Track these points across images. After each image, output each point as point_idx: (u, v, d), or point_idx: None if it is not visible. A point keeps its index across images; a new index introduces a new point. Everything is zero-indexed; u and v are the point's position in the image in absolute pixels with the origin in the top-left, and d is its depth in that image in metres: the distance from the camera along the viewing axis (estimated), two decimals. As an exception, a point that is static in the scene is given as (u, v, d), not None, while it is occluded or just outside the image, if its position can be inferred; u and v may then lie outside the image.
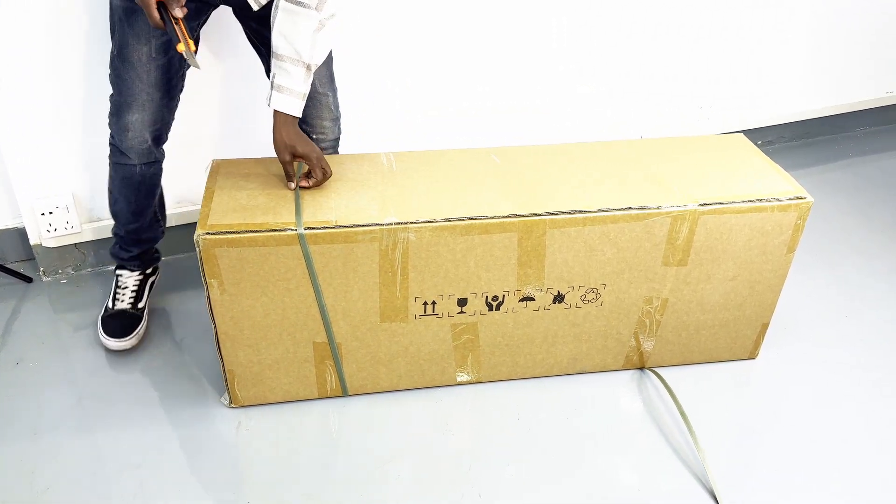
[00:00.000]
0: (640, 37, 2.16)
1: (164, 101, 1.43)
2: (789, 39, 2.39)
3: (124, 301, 1.65)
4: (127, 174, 1.51)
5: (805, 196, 1.44)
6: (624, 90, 2.24)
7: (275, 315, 1.36)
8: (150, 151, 1.48)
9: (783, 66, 2.44)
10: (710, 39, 2.26)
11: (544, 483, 1.38)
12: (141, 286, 1.68)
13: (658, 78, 2.26)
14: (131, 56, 1.35)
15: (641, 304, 1.50)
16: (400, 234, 1.31)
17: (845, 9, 2.41)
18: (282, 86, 1.30)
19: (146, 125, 1.43)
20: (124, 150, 1.46)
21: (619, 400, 1.56)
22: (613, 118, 2.28)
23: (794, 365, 1.66)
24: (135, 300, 1.66)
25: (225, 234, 1.26)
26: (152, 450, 1.42)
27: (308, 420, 1.48)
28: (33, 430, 1.45)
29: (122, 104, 1.41)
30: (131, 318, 1.63)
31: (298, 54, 1.27)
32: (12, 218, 1.83)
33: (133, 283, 1.67)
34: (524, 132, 2.17)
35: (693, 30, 2.22)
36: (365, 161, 1.49)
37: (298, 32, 1.26)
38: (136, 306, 1.65)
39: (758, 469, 1.42)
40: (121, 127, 1.43)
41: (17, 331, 1.70)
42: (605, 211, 1.37)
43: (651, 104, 2.31)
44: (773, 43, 2.37)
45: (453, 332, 1.46)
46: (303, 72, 1.29)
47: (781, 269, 1.51)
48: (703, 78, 2.34)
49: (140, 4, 1.19)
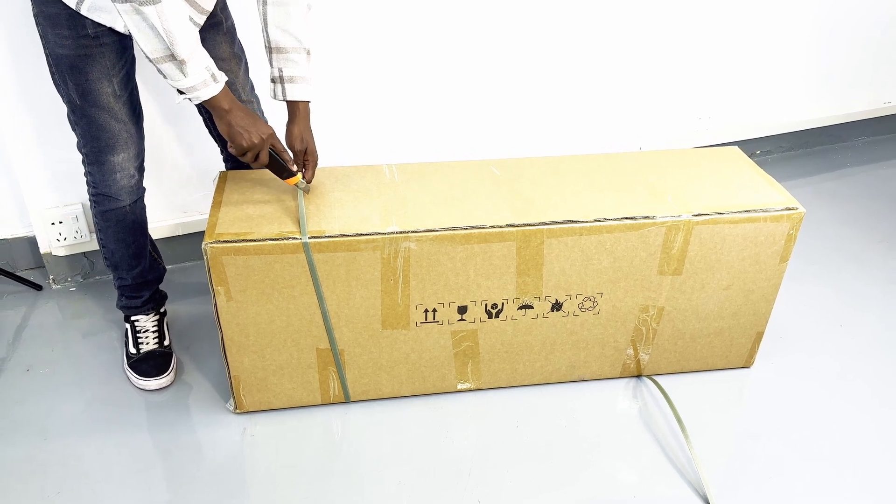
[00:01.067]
0: (640, 49, 2.20)
1: (138, 132, 1.44)
2: (787, 51, 2.43)
3: (149, 343, 1.63)
4: (120, 217, 1.50)
5: (797, 207, 1.47)
6: (624, 102, 2.28)
7: (279, 322, 1.40)
8: (138, 185, 1.50)
9: (781, 76, 2.48)
10: (709, 51, 2.30)
11: (543, 490, 1.41)
12: (160, 325, 1.67)
13: (658, 89, 2.30)
14: (100, 100, 1.34)
15: (638, 312, 1.53)
16: (401, 243, 1.35)
17: (843, 20, 2.45)
18: (293, 76, 1.36)
19: (131, 160, 1.44)
20: (113, 194, 1.46)
21: (616, 407, 1.59)
22: (613, 129, 2.32)
23: (788, 373, 1.69)
24: (160, 339, 1.64)
25: (232, 243, 1.30)
26: (160, 454, 1.45)
27: (311, 426, 1.51)
28: (43, 434, 1.48)
29: (102, 149, 1.40)
30: (163, 357, 1.61)
31: (299, 41, 1.34)
32: (23, 227, 1.87)
33: (152, 324, 1.65)
34: (525, 143, 2.21)
35: (692, 42, 2.26)
36: (368, 172, 1.53)
37: (292, 21, 1.32)
38: (162, 344, 1.64)
39: (752, 475, 1.45)
40: (107, 171, 1.43)
41: (27, 337, 1.74)
42: (602, 221, 1.41)
43: (651, 115, 2.35)
44: (772, 54, 2.41)
45: (454, 340, 1.50)
46: (305, 57, 1.36)
47: (775, 279, 1.54)
48: (702, 89, 2.38)
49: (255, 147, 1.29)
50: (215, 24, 1.41)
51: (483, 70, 2.04)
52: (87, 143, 1.41)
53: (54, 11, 1.26)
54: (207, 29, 1.40)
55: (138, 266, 1.60)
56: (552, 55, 2.10)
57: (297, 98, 1.37)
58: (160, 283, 1.69)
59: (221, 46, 1.43)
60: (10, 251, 1.89)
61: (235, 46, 1.48)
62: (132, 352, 1.62)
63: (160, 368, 1.59)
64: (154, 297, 1.67)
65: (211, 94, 1.22)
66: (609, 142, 2.34)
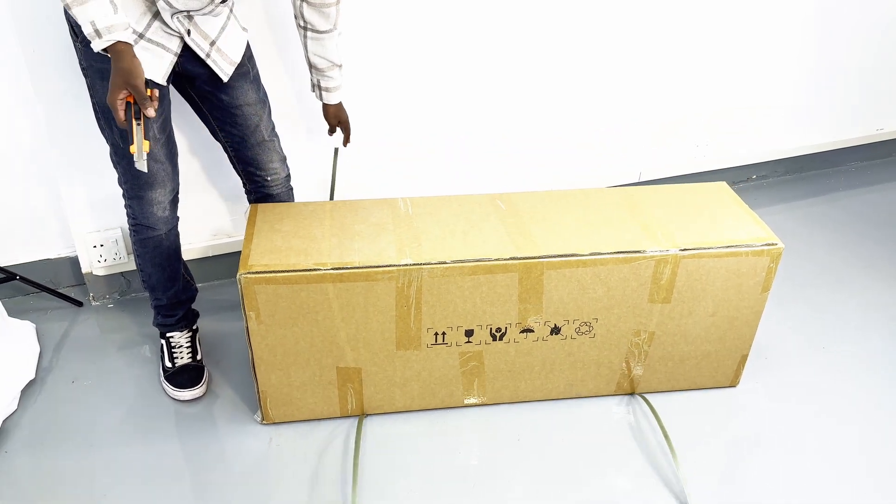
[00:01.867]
0: (641, 80, 2.33)
1: (174, 169, 1.61)
2: (782, 80, 2.55)
3: (184, 357, 1.78)
4: (156, 244, 1.66)
5: (777, 242, 1.61)
6: (625, 130, 2.42)
7: (304, 343, 1.55)
8: (173, 216, 1.67)
9: (776, 105, 2.60)
10: (706, 81, 2.43)
11: (542, 498, 1.55)
12: (193, 341, 1.82)
13: (657, 119, 2.44)
14: None
15: (630, 336, 1.67)
16: (414, 274, 1.50)
17: (836, 50, 2.57)
18: (328, 87, 1.70)
19: (167, 195, 1.61)
20: (151, 224, 1.62)
21: (610, 422, 1.73)
22: (615, 156, 2.46)
23: (772, 393, 1.82)
24: (193, 354, 1.79)
25: (263, 274, 1.45)
26: (194, 460, 1.60)
27: (331, 437, 1.66)
28: (90, 442, 1.64)
29: (141, 186, 1.56)
30: (196, 370, 1.77)
31: (332, 62, 1.65)
32: (66, 248, 2.03)
33: (185, 340, 1.80)
34: (530, 169, 2.35)
35: (690, 72, 2.39)
36: (385, 206, 1.68)
37: (327, 49, 1.62)
38: (195, 358, 1.79)
39: (735, 488, 1.58)
40: (145, 204, 1.59)
41: (69, 350, 1.90)
42: (597, 255, 1.55)
43: (651, 143, 2.48)
44: (767, 84, 2.53)
45: (461, 360, 1.64)
46: (338, 72, 1.68)
47: (757, 307, 1.68)
48: (700, 118, 2.50)
49: (110, 105, 1.28)
50: (243, 74, 1.59)
51: (490, 101, 2.18)
52: (127, 181, 1.58)
53: (104, 66, 1.41)
54: (237, 78, 1.57)
55: (173, 287, 1.75)
56: (558, 88, 2.24)
57: (331, 102, 1.74)
58: (193, 303, 1.85)
59: (248, 93, 1.61)
60: (54, 270, 2.05)
61: (260, 93, 1.65)
62: (168, 365, 1.78)
63: (193, 380, 1.75)
64: (187, 316, 1.82)
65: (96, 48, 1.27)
66: (610, 168, 2.47)
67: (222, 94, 1.59)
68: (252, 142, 1.66)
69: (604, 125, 2.38)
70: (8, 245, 1.97)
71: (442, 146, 2.20)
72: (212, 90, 1.58)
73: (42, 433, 1.66)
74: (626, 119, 2.39)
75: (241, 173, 1.75)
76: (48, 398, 1.75)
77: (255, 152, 1.68)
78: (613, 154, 2.45)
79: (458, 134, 2.20)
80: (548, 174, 2.38)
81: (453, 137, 2.20)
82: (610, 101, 2.34)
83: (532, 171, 2.36)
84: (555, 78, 2.22)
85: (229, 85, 1.58)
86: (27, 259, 2.01)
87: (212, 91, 1.58)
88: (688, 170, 2.58)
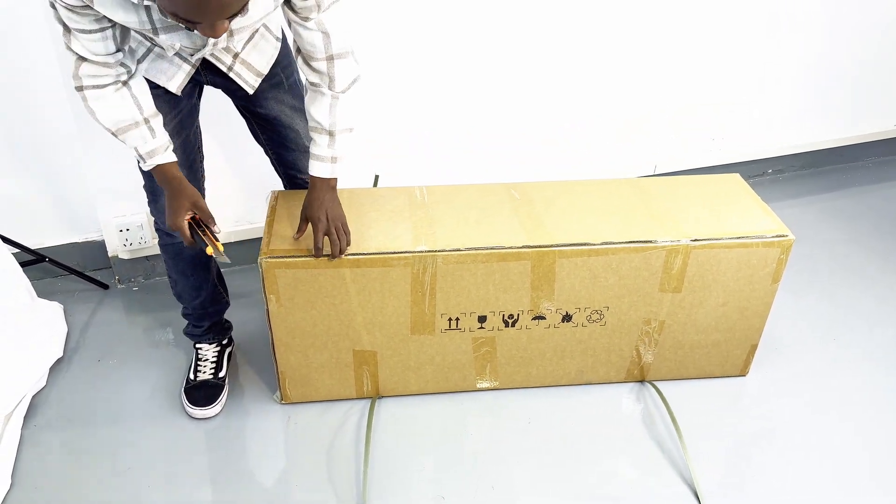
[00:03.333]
0: (656, 73, 2.35)
1: (191, 175, 1.52)
2: (799, 74, 2.55)
3: (205, 372, 1.75)
4: (176, 251, 1.61)
5: (787, 234, 1.63)
6: (640, 123, 2.43)
7: (322, 326, 1.60)
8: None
9: (792, 98, 2.60)
10: (722, 74, 2.44)
11: (550, 480, 1.59)
12: (220, 357, 1.78)
13: (672, 111, 2.45)
14: None
15: (641, 324, 1.70)
16: (429, 261, 1.54)
17: (854, 42, 2.56)
18: (316, 154, 1.46)
19: None
20: (169, 231, 1.52)
21: (619, 409, 1.76)
22: (630, 149, 2.48)
23: (781, 383, 1.84)
24: (215, 370, 1.76)
25: (283, 258, 1.50)
26: (215, 438, 1.66)
27: (347, 417, 1.71)
28: (114, 418, 1.70)
29: (155, 189, 1.49)
30: (214, 388, 1.73)
31: (319, 123, 1.42)
32: (93, 233, 2.10)
33: (212, 355, 1.77)
34: (545, 162, 2.38)
35: (706, 65, 2.40)
36: (401, 194, 1.72)
37: (317, 107, 1.41)
38: (217, 376, 1.75)
39: (742, 475, 1.61)
40: (159, 209, 1.51)
41: (95, 331, 1.97)
42: (608, 244, 1.58)
43: (666, 136, 2.50)
44: (783, 77, 2.53)
45: (474, 345, 1.68)
46: (326, 139, 1.44)
47: (767, 298, 1.70)
48: (715, 110, 2.51)
49: (173, 228, 1.38)
50: (275, 84, 1.51)
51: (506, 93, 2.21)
52: (146, 184, 1.53)
53: None
54: (268, 89, 1.51)
55: (198, 297, 1.70)
56: (573, 82, 2.26)
57: (313, 173, 1.47)
58: (221, 315, 1.80)
59: (283, 103, 1.54)
60: (81, 253, 2.12)
61: (298, 100, 1.56)
62: (190, 377, 1.76)
63: (209, 399, 1.72)
64: (215, 328, 1.78)
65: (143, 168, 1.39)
66: (625, 161, 2.49)
67: (255, 107, 1.53)
68: (292, 147, 1.60)
69: (619, 117, 2.40)
70: (37, 228, 2.03)
71: (458, 137, 2.23)
72: (243, 100, 1.53)
73: (69, 409, 1.72)
74: (641, 112, 2.41)
75: (282, 176, 1.70)
76: (75, 376, 1.81)
77: (296, 157, 1.62)
78: (628, 147, 2.47)
79: (474, 125, 2.23)
80: (562, 167, 2.41)
81: (469, 128, 2.23)
82: (625, 94, 2.35)
83: (546, 164, 2.38)
84: (570, 70, 2.24)
85: (261, 96, 1.51)
86: (56, 242, 2.07)
87: (244, 101, 1.53)
88: (703, 163, 2.59)
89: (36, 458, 1.60)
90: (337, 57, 1.36)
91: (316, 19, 1.31)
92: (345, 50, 1.37)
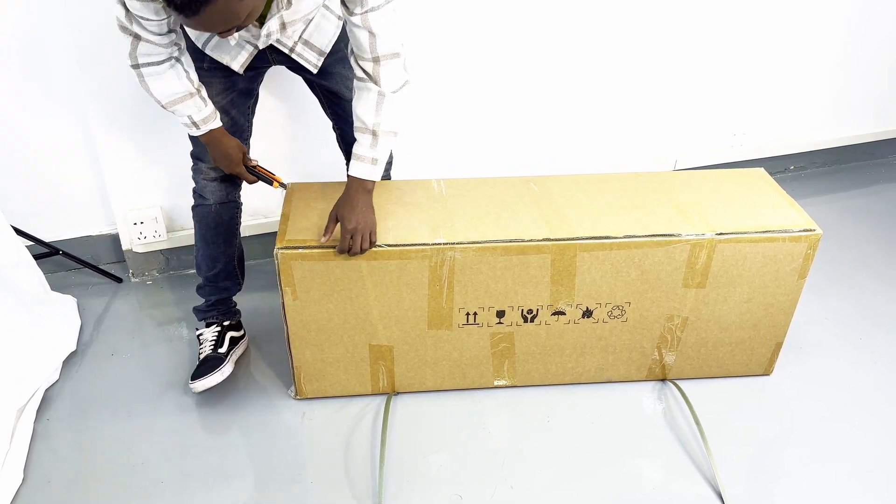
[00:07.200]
0: (678, 67, 2.31)
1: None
2: (821, 69, 2.51)
3: (205, 350, 1.72)
4: (204, 214, 1.65)
5: (815, 228, 1.58)
6: (661, 118, 2.40)
7: (337, 320, 1.57)
8: (222, 188, 1.64)
9: (815, 94, 2.56)
10: (744, 69, 2.40)
11: (569, 480, 1.55)
12: (220, 336, 1.74)
13: (694, 106, 2.41)
14: None
15: (663, 321, 1.66)
16: (447, 253, 1.51)
17: (877, 39, 2.52)
18: (356, 153, 1.46)
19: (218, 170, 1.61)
20: (199, 190, 1.64)
21: (641, 408, 1.72)
22: (651, 144, 2.44)
23: (806, 382, 1.80)
24: (215, 346, 1.72)
25: (298, 249, 1.47)
26: (230, 433, 1.64)
27: (362, 413, 1.68)
28: (128, 412, 1.68)
29: (197, 154, 1.62)
30: (213, 361, 1.68)
31: (364, 123, 1.43)
32: (107, 226, 2.09)
33: (211, 335, 1.74)
34: (566, 157, 2.34)
35: (728, 60, 2.36)
36: (419, 187, 1.69)
37: (363, 105, 1.42)
38: (216, 350, 1.71)
39: (766, 476, 1.57)
40: (196, 171, 1.64)
41: (109, 325, 1.95)
42: (631, 237, 1.54)
43: (687, 132, 2.46)
44: (805, 72, 2.49)
45: (492, 341, 1.65)
46: (370, 138, 1.44)
47: (793, 294, 1.66)
48: (737, 106, 2.47)
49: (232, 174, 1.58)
50: (341, 59, 1.57)
51: (526, 87, 2.18)
52: (193, 150, 1.63)
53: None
54: (333, 64, 1.57)
55: (214, 269, 1.71)
56: (594, 76, 2.23)
57: (350, 172, 1.48)
58: (231, 295, 1.79)
59: (349, 76, 1.53)
60: (95, 247, 2.10)
61: None
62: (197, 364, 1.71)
63: (207, 371, 1.66)
64: (221, 305, 1.77)
65: (193, 134, 1.51)
66: (646, 156, 2.45)
67: (322, 80, 1.59)
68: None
69: (638, 112, 2.36)
70: (52, 222, 2.02)
71: (476, 131, 2.20)
72: (310, 76, 1.59)
73: (82, 402, 1.70)
74: (663, 104, 2.37)
75: (344, 153, 1.73)
76: (88, 369, 1.80)
77: None
78: (649, 142, 2.43)
79: (493, 119, 2.20)
80: (582, 162, 2.37)
81: (487, 122, 2.20)
82: (645, 89, 2.32)
83: (565, 159, 2.35)
84: (591, 64, 2.21)
85: (326, 70, 1.57)
86: (70, 235, 2.06)
87: (310, 75, 1.58)
88: (724, 159, 2.55)
89: (48, 452, 1.58)
90: (383, 59, 1.38)
91: (362, 16, 1.33)
92: (392, 52, 1.39)
